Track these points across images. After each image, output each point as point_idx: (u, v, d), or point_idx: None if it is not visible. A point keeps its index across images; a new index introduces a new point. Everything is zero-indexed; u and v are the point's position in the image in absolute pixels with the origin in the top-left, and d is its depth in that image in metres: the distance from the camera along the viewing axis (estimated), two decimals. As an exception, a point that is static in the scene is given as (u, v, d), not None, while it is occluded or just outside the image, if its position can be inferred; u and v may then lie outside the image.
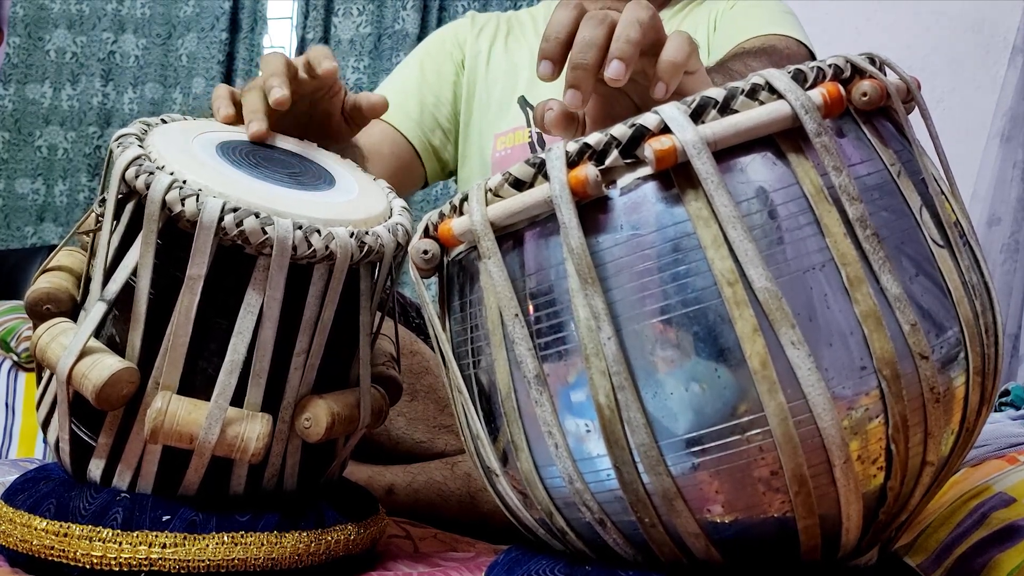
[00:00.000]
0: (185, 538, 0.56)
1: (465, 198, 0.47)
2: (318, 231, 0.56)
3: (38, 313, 0.59)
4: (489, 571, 0.53)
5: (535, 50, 0.54)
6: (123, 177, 0.56)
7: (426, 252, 0.49)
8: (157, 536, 0.55)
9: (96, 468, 0.59)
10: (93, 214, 0.61)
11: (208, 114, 0.69)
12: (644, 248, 0.41)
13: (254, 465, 0.58)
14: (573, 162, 0.43)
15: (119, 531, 0.55)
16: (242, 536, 0.57)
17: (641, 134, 0.42)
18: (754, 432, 0.40)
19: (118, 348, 0.57)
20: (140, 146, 0.58)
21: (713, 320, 0.40)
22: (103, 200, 0.59)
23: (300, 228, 0.55)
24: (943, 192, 0.47)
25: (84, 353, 0.55)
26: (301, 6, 2.53)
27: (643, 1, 0.53)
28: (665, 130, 0.42)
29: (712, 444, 0.41)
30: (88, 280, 0.60)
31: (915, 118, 0.48)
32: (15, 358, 1.46)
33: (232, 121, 0.66)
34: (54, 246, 1.23)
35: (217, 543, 0.56)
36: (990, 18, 2.02)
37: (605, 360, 0.41)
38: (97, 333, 0.57)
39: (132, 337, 0.56)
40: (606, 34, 0.51)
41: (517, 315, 0.44)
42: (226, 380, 0.56)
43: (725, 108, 0.42)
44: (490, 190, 0.45)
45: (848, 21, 2.07)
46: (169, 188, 0.54)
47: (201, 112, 0.69)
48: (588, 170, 0.42)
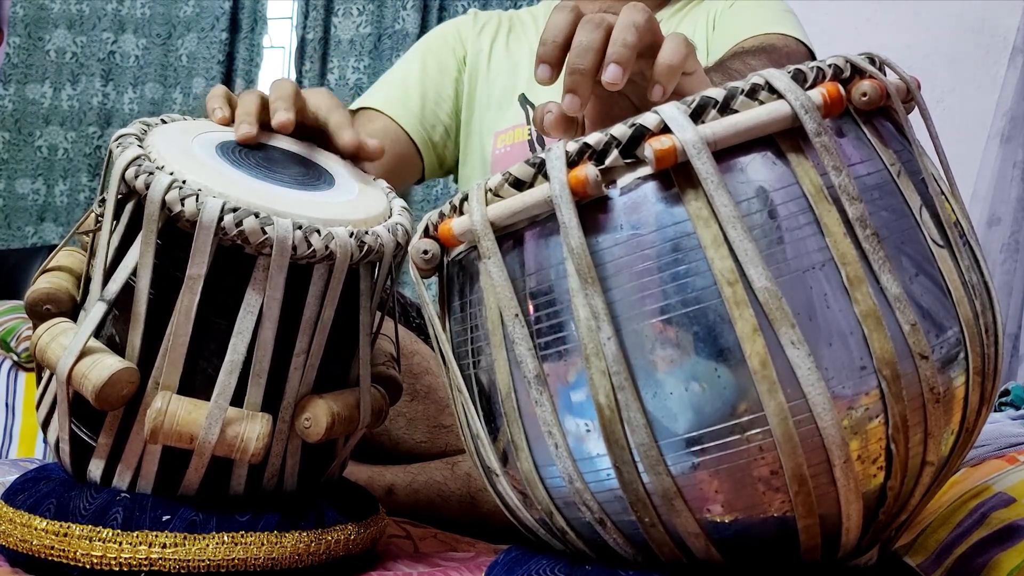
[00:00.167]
0: (185, 538, 0.56)
1: (465, 198, 0.47)
2: (318, 231, 0.56)
3: (38, 313, 0.59)
4: (489, 571, 0.53)
5: (535, 49, 0.54)
6: (123, 177, 0.56)
7: (426, 252, 0.49)
8: (157, 536, 0.55)
9: (96, 468, 0.59)
10: (93, 214, 0.61)
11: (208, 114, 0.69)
12: (644, 248, 0.41)
13: (254, 465, 0.58)
14: (573, 162, 0.43)
15: (119, 531, 0.55)
16: (242, 536, 0.57)
17: (641, 134, 0.42)
18: (754, 432, 0.40)
19: (118, 348, 0.57)
20: (140, 146, 0.58)
21: (713, 320, 0.40)
22: (103, 200, 0.59)
23: (300, 228, 0.55)
24: (943, 192, 0.47)
25: (84, 353, 0.55)
26: (301, 6, 2.53)
27: (639, 4, 0.53)
28: (665, 130, 0.42)
29: (712, 444, 0.41)
30: (88, 280, 0.60)
31: (915, 118, 0.48)
32: (15, 358, 1.46)
33: (227, 123, 0.67)
34: (54, 246, 1.23)
35: (217, 543, 0.56)
36: (990, 18, 2.02)
37: (605, 360, 0.41)
38: (97, 333, 0.57)
39: (132, 337, 0.56)
40: (603, 38, 0.51)
41: (517, 315, 0.44)
42: (226, 380, 0.56)
43: (725, 108, 0.42)
44: (490, 190, 0.45)
45: (848, 21, 2.07)
46: (169, 188, 0.54)
47: (201, 112, 0.69)
48: (588, 170, 0.42)
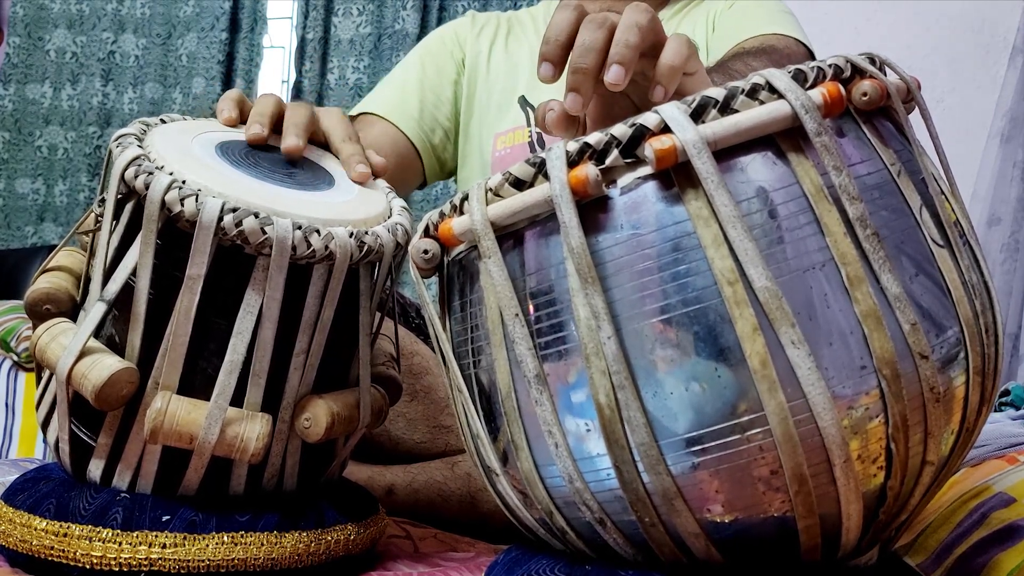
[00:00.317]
0: (185, 538, 0.56)
1: (465, 197, 0.47)
2: (317, 231, 0.56)
3: (38, 313, 0.59)
4: (489, 571, 0.53)
5: (535, 50, 0.54)
6: (122, 177, 0.56)
7: (426, 252, 0.49)
8: (157, 536, 0.55)
9: (96, 468, 0.59)
10: (92, 214, 0.61)
11: (208, 114, 0.69)
12: (644, 247, 0.41)
13: (254, 465, 0.58)
14: (573, 162, 0.43)
15: (119, 531, 0.55)
16: (242, 536, 0.57)
17: (641, 134, 0.42)
18: (754, 431, 0.40)
19: (118, 348, 0.57)
20: (139, 146, 0.58)
21: (713, 319, 0.40)
22: (102, 200, 0.59)
23: (299, 228, 0.55)
24: (943, 192, 0.47)
25: (84, 353, 0.55)
26: (301, 6, 2.53)
27: (642, 4, 0.53)
28: (665, 130, 0.42)
29: (712, 443, 0.41)
30: (88, 280, 0.60)
31: (915, 118, 0.48)
32: (15, 358, 1.46)
33: (233, 125, 0.67)
34: (54, 246, 1.23)
35: (217, 543, 0.56)
36: (990, 18, 2.02)
37: (605, 359, 0.41)
38: (97, 333, 0.57)
39: (132, 337, 0.56)
40: (606, 37, 0.51)
41: (517, 315, 0.44)
42: (226, 380, 0.56)
43: (725, 108, 0.42)
44: (490, 190, 0.45)
45: (848, 21, 2.07)
46: (168, 188, 0.54)
47: (201, 112, 0.69)
48: (588, 169, 0.42)
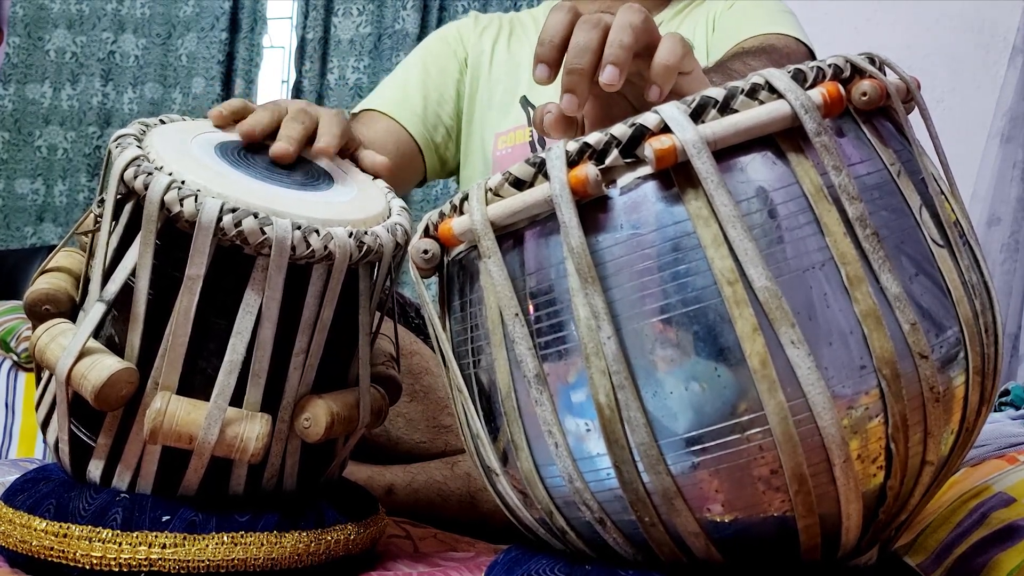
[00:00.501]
0: (185, 538, 0.56)
1: (465, 197, 0.47)
2: (317, 231, 0.56)
3: (37, 314, 0.59)
4: (489, 571, 0.53)
5: (537, 50, 0.54)
6: (122, 178, 0.56)
7: (426, 252, 0.49)
8: (157, 536, 0.55)
9: (96, 468, 0.59)
10: (92, 214, 0.61)
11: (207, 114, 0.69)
12: (644, 247, 0.41)
13: (254, 465, 0.58)
14: (573, 161, 0.43)
15: (119, 531, 0.55)
16: (242, 536, 0.57)
17: (641, 133, 0.42)
18: (754, 431, 0.40)
19: (117, 348, 0.57)
20: (139, 146, 0.58)
21: (713, 319, 0.40)
22: (102, 201, 0.59)
23: (299, 228, 0.55)
24: (943, 192, 0.47)
25: (83, 354, 0.55)
26: (301, 6, 2.53)
27: (636, 4, 0.53)
28: (665, 129, 0.42)
29: (712, 443, 0.41)
30: (87, 281, 0.60)
31: (915, 118, 0.48)
32: (15, 358, 1.46)
33: (222, 124, 0.66)
34: (54, 246, 1.23)
35: (217, 543, 0.56)
36: (990, 18, 2.02)
37: (605, 359, 0.41)
38: (96, 334, 0.57)
39: (131, 337, 0.56)
40: (600, 38, 0.51)
41: (517, 314, 0.44)
42: (225, 380, 0.56)
43: (725, 107, 0.42)
44: (490, 189, 0.45)
45: (848, 21, 2.07)
46: (168, 188, 0.54)
47: (201, 112, 0.69)
48: (588, 169, 0.42)
